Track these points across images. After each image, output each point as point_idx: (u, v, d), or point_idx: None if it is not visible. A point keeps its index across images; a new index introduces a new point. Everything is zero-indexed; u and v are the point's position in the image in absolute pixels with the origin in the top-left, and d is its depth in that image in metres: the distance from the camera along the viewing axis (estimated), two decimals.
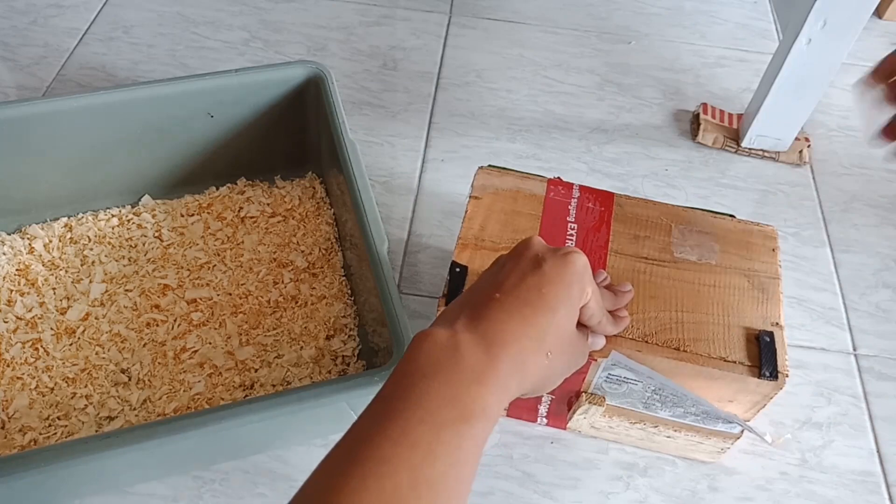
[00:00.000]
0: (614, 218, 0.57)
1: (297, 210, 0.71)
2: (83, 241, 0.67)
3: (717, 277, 0.53)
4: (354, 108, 0.84)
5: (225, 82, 0.66)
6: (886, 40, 0.98)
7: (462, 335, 0.36)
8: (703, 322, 0.51)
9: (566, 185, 0.59)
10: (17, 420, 0.57)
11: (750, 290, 0.53)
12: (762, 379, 0.48)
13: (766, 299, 0.52)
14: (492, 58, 0.91)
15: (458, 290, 0.52)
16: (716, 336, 0.50)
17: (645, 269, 0.54)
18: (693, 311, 0.51)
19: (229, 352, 0.61)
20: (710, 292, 0.53)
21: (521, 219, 0.56)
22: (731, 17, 0.99)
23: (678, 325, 0.51)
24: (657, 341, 0.50)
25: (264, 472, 0.57)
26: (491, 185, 0.58)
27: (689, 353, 0.49)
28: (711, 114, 0.83)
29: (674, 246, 0.55)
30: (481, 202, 0.57)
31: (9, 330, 0.61)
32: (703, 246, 0.55)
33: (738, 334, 0.50)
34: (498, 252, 0.54)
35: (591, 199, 0.58)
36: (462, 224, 0.55)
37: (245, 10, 0.94)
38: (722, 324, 0.51)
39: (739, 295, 0.53)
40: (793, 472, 0.60)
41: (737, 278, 0.53)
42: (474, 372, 0.35)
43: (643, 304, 0.52)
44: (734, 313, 0.52)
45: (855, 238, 0.76)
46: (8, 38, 0.89)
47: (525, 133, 0.83)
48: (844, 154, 0.84)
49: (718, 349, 0.49)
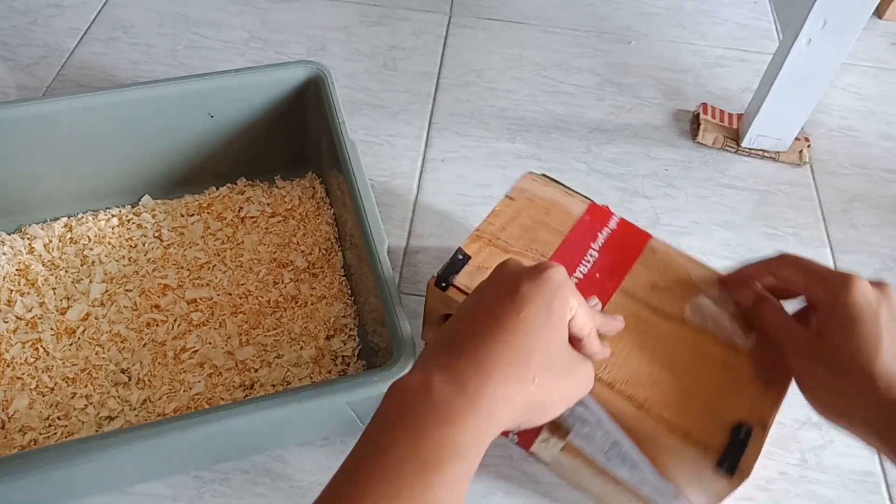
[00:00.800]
0: (641, 259, 0.53)
1: (297, 210, 0.71)
2: (83, 241, 0.67)
3: (721, 351, 0.48)
4: (354, 108, 0.84)
5: (225, 82, 0.66)
6: (886, 40, 0.98)
7: (434, 377, 0.34)
8: (685, 390, 0.46)
9: (607, 213, 0.57)
10: (17, 420, 0.57)
11: (752, 377, 0.47)
12: (718, 470, 0.43)
13: (766, 392, 0.47)
14: (492, 58, 0.91)
15: (451, 274, 0.52)
16: (690, 408, 0.46)
17: (648, 319, 0.50)
18: (678, 376, 0.47)
19: (229, 352, 0.61)
20: (705, 362, 0.48)
21: (544, 231, 0.54)
22: (731, 17, 0.99)
23: (655, 384, 0.47)
24: (625, 390, 0.46)
25: (264, 472, 0.57)
26: (530, 190, 0.57)
27: (652, 414, 0.45)
28: (711, 114, 0.83)
29: (691, 308, 0.51)
30: (513, 204, 0.56)
31: (9, 330, 0.61)
32: (723, 323, 0.50)
33: (716, 416, 0.45)
34: (508, 253, 0.53)
35: (625, 233, 0.55)
36: (486, 218, 0.55)
37: (245, 10, 0.94)
38: (703, 399, 0.46)
39: (739, 377, 0.47)
40: (793, 472, 0.60)
41: (741, 360, 0.48)
42: (446, 413, 0.33)
43: (629, 351, 0.48)
44: (723, 393, 0.46)
45: (855, 238, 0.76)
46: (8, 38, 0.89)
47: (525, 133, 0.83)
48: (844, 154, 0.84)
49: (686, 422, 0.45)
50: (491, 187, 0.77)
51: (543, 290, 0.38)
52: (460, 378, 0.34)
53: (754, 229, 0.75)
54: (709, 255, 0.73)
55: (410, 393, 0.34)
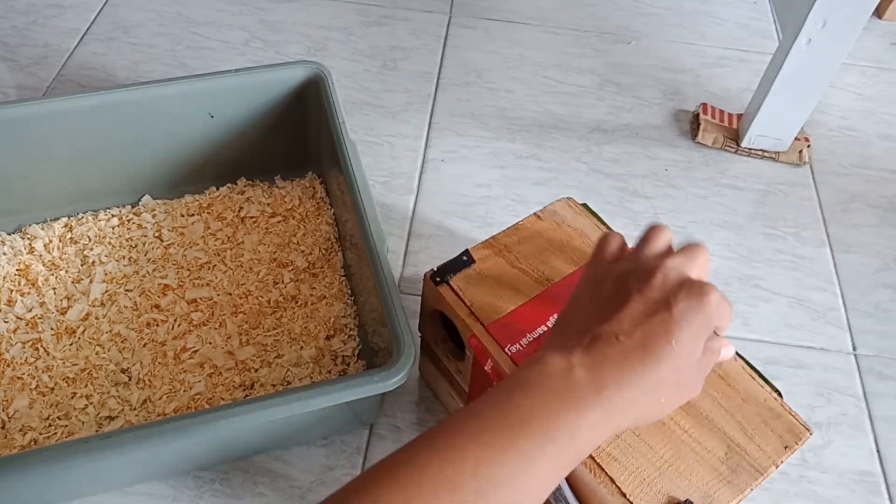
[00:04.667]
0: None
1: (297, 210, 0.71)
2: (83, 241, 0.67)
3: (694, 426, 0.46)
4: (354, 108, 0.84)
5: (225, 82, 0.66)
6: (886, 40, 0.98)
7: (578, 370, 0.35)
8: (640, 453, 0.44)
9: None
10: (17, 420, 0.57)
11: (719, 463, 0.45)
12: None
13: (727, 483, 0.44)
14: (492, 58, 0.91)
15: (450, 272, 0.51)
16: (639, 472, 0.44)
17: None
18: (640, 436, 0.45)
19: (229, 352, 0.61)
20: (674, 433, 0.45)
21: (559, 258, 0.53)
22: (731, 17, 0.99)
23: (612, 437, 0.44)
24: None
25: (264, 472, 0.57)
26: (561, 215, 0.56)
27: (596, 465, 0.43)
28: (711, 114, 0.83)
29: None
30: (538, 223, 0.55)
31: (9, 330, 0.61)
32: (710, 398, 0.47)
33: (664, 488, 0.43)
34: (514, 269, 0.52)
35: None
36: (506, 229, 0.54)
37: (245, 10, 0.94)
38: (656, 467, 0.44)
39: (703, 458, 0.45)
40: (793, 472, 0.59)
41: (716, 443, 0.45)
42: (578, 402, 0.34)
43: None
44: (680, 468, 0.44)
45: (855, 238, 0.76)
46: (8, 38, 0.89)
47: (525, 133, 0.83)
48: (844, 154, 0.84)
49: (630, 485, 0.43)
50: (491, 187, 0.77)
51: (698, 317, 0.36)
52: (599, 381, 0.35)
53: (754, 229, 0.75)
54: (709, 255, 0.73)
55: (553, 373, 0.35)
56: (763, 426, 0.47)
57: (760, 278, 0.72)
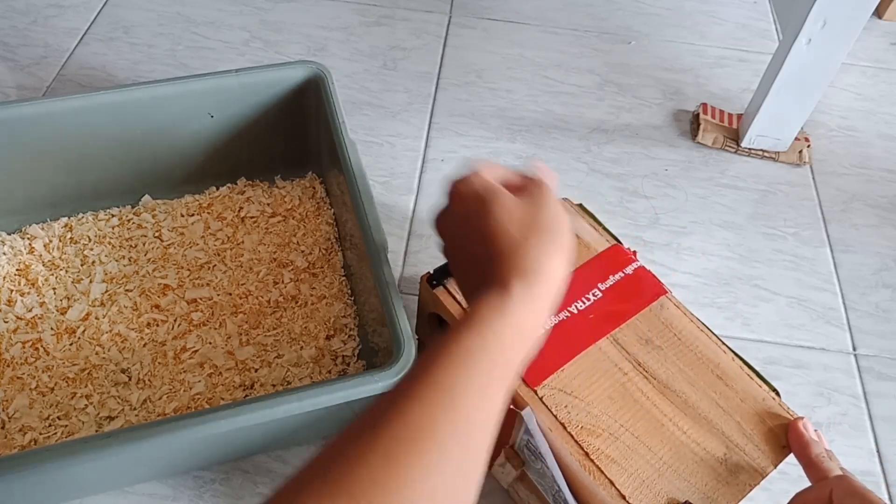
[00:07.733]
0: (645, 312, 0.51)
1: (297, 210, 0.71)
2: (83, 241, 0.67)
3: (693, 427, 0.46)
4: (354, 108, 0.84)
5: (225, 82, 0.66)
6: (886, 40, 0.98)
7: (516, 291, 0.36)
8: (639, 455, 0.44)
9: (628, 258, 0.55)
10: (17, 420, 0.57)
11: (717, 463, 0.45)
12: None
13: (726, 483, 0.44)
14: (492, 58, 0.91)
15: (447, 275, 0.52)
16: (638, 475, 0.44)
17: (628, 372, 0.48)
18: (639, 438, 0.45)
19: (229, 352, 0.61)
20: (673, 434, 0.46)
21: None
22: (731, 17, 0.99)
23: (611, 439, 0.45)
24: (576, 434, 0.45)
25: (264, 472, 0.57)
26: None
27: (595, 467, 0.44)
28: (711, 114, 0.83)
29: (681, 373, 0.49)
30: None
31: (9, 330, 0.61)
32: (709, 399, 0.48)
33: (663, 490, 0.43)
34: None
35: (639, 281, 0.53)
36: None
37: (245, 10, 0.94)
38: (655, 469, 0.44)
39: (702, 459, 0.45)
40: (793, 472, 0.59)
41: (714, 443, 0.46)
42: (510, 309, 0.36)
43: (596, 398, 0.47)
44: (679, 470, 0.44)
45: (855, 238, 0.76)
46: (8, 38, 0.89)
47: (525, 133, 0.83)
48: (844, 154, 0.84)
49: (629, 487, 0.43)
50: None
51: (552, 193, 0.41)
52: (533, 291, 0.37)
53: (754, 229, 0.76)
54: (709, 255, 0.73)
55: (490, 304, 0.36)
56: (762, 426, 0.47)
57: (760, 278, 0.72)
